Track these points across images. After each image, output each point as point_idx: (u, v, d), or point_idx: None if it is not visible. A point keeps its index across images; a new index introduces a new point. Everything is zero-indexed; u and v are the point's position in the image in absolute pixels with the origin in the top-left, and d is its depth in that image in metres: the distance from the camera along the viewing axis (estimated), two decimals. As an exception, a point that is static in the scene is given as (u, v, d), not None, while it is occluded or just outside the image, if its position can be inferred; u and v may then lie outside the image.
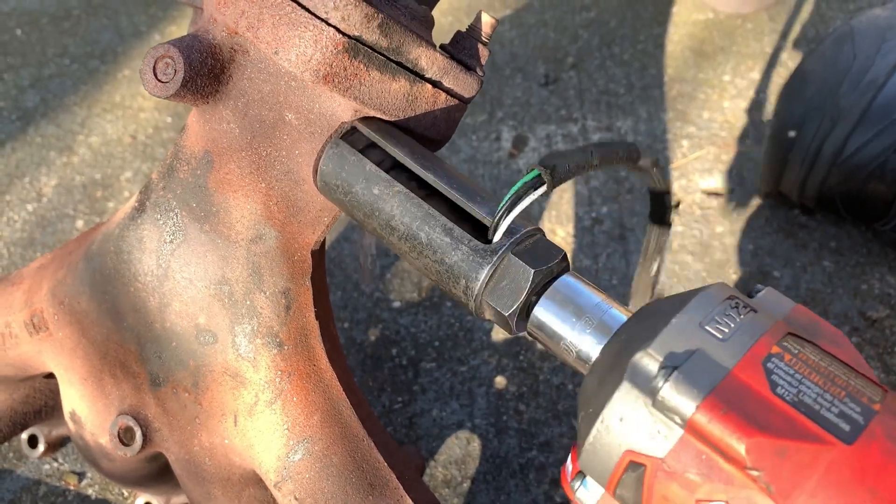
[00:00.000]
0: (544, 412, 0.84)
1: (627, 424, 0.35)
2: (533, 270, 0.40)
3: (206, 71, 0.44)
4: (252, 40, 0.43)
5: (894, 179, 0.87)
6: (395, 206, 0.43)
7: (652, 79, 1.16)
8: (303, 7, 0.41)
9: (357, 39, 0.42)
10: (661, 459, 0.34)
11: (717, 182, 1.02)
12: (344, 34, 0.41)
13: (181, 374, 0.52)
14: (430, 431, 0.84)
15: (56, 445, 0.77)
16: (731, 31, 1.21)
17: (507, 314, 0.40)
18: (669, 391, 0.34)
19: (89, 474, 0.81)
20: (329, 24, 0.41)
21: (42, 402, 0.71)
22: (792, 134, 0.90)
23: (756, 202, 1.00)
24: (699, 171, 1.04)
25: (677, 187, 1.02)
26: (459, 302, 0.43)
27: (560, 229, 0.99)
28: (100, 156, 1.10)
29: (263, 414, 0.50)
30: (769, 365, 0.35)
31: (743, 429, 0.33)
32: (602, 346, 0.40)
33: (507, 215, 0.40)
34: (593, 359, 0.40)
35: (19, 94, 1.18)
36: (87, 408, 0.57)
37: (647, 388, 0.35)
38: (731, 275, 0.93)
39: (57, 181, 1.07)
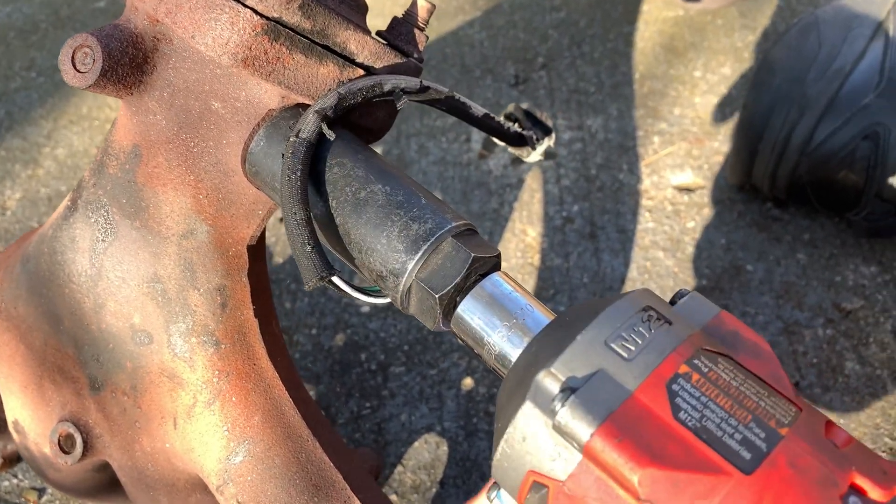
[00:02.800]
0: (515, 413, 0.82)
1: (529, 444, 0.34)
2: (472, 255, 0.39)
3: (126, 60, 0.42)
4: (171, 26, 0.41)
5: (864, 167, 0.86)
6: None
7: (622, 76, 1.15)
8: (219, -11, 0.40)
9: (277, 21, 0.41)
10: (563, 482, 0.33)
11: (688, 177, 1.01)
12: (262, 16, 0.40)
13: (119, 377, 0.50)
14: (399, 436, 0.83)
15: (13, 460, 0.75)
16: (702, 28, 1.21)
17: (437, 296, 0.39)
18: (566, 415, 0.33)
19: (49, 490, 0.79)
20: (245, 6, 0.40)
21: (-7, 414, 0.69)
22: (749, 129, 0.89)
23: (728, 196, 0.99)
24: (670, 166, 1.03)
25: (648, 184, 1.01)
26: (384, 288, 0.41)
27: (531, 229, 0.98)
28: (66, 168, 1.09)
29: (202, 415, 0.48)
30: (674, 387, 0.33)
31: (637, 458, 0.31)
32: (520, 349, 0.38)
33: None
34: (512, 361, 0.39)
35: (-15, 109, 1.17)
36: (28, 416, 0.55)
37: (547, 409, 0.33)
38: (704, 269, 0.92)
39: (21, 194, 1.06)
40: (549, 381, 0.34)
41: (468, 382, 0.85)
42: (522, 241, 0.97)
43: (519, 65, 1.19)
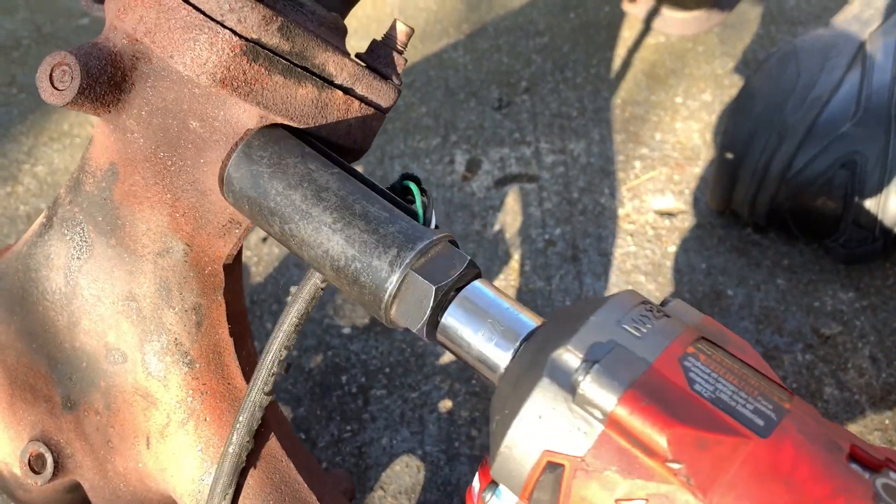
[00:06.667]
0: (494, 436, 0.82)
1: (546, 423, 0.35)
2: (434, 287, 0.39)
3: (105, 79, 0.42)
4: (150, 46, 0.41)
5: (842, 195, 0.87)
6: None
7: (604, 102, 1.16)
8: (198, 10, 0.40)
9: (256, 42, 0.41)
10: (581, 458, 0.34)
11: (669, 202, 1.02)
12: (241, 37, 0.40)
13: (93, 396, 0.50)
14: (380, 460, 0.82)
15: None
16: (683, 55, 1.22)
17: (414, 330, 0.39)
18: (590, 385, 0.34)
19: (21, 511, 0.78)
20: (224, 27, 0.40)
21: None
22: (730, 156, 0.90)
23: (709, 221, 0.99)
24: (651, 191, 1.03)
25: (630, 209, 1.02)
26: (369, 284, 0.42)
27: (513, 251, 0.98)
28: (45, 185, 1.08)
29: (176, 435, 0.48)
30: (686, 363, 0.35)
31: (664, 421, 0.33)
32: (510, 352, 0.39)
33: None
34: (502, 366, 0.39)
35: (-34, 125, 1.16)
36: (-1, 436, 0.54)
37: (567, 383, 0.34)
38: (685, 294, 0.93)
39: (0, 211, 1.05)
40: (568, 356, 0.35)
41: (449, 405, 0.85)
42: (505, 263, 0.97)
43: (503, 88, 1.19)
